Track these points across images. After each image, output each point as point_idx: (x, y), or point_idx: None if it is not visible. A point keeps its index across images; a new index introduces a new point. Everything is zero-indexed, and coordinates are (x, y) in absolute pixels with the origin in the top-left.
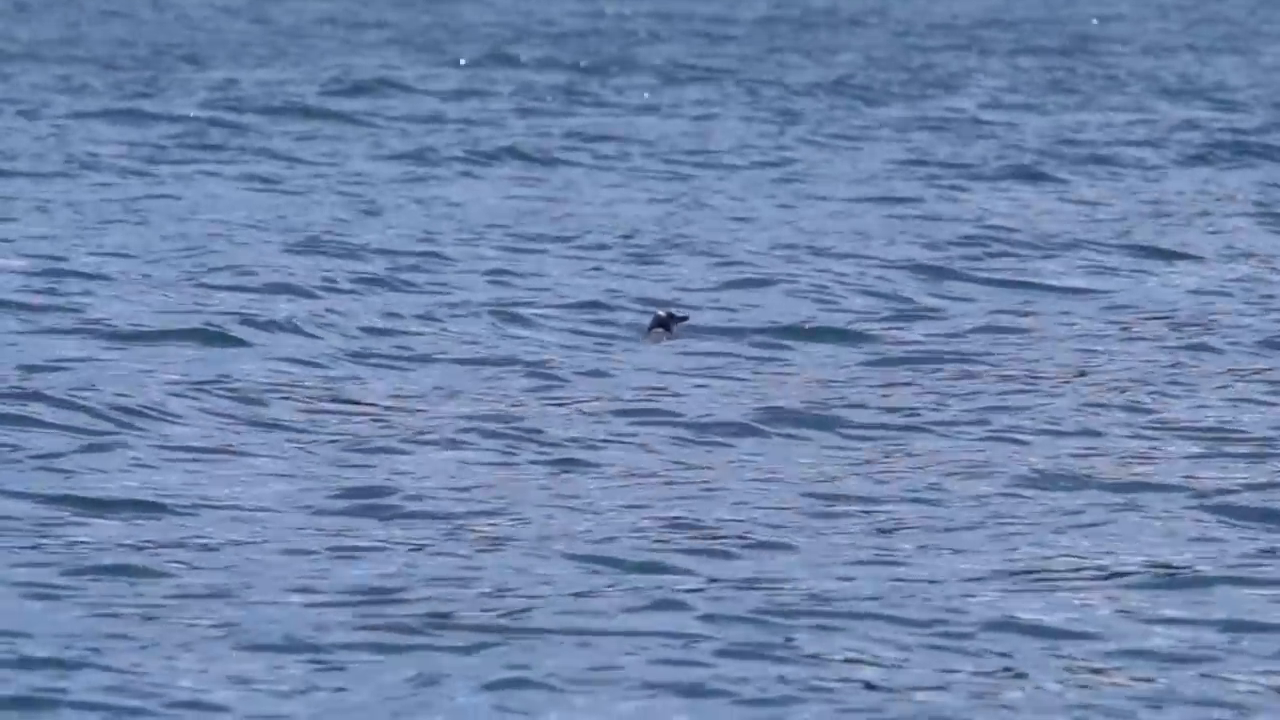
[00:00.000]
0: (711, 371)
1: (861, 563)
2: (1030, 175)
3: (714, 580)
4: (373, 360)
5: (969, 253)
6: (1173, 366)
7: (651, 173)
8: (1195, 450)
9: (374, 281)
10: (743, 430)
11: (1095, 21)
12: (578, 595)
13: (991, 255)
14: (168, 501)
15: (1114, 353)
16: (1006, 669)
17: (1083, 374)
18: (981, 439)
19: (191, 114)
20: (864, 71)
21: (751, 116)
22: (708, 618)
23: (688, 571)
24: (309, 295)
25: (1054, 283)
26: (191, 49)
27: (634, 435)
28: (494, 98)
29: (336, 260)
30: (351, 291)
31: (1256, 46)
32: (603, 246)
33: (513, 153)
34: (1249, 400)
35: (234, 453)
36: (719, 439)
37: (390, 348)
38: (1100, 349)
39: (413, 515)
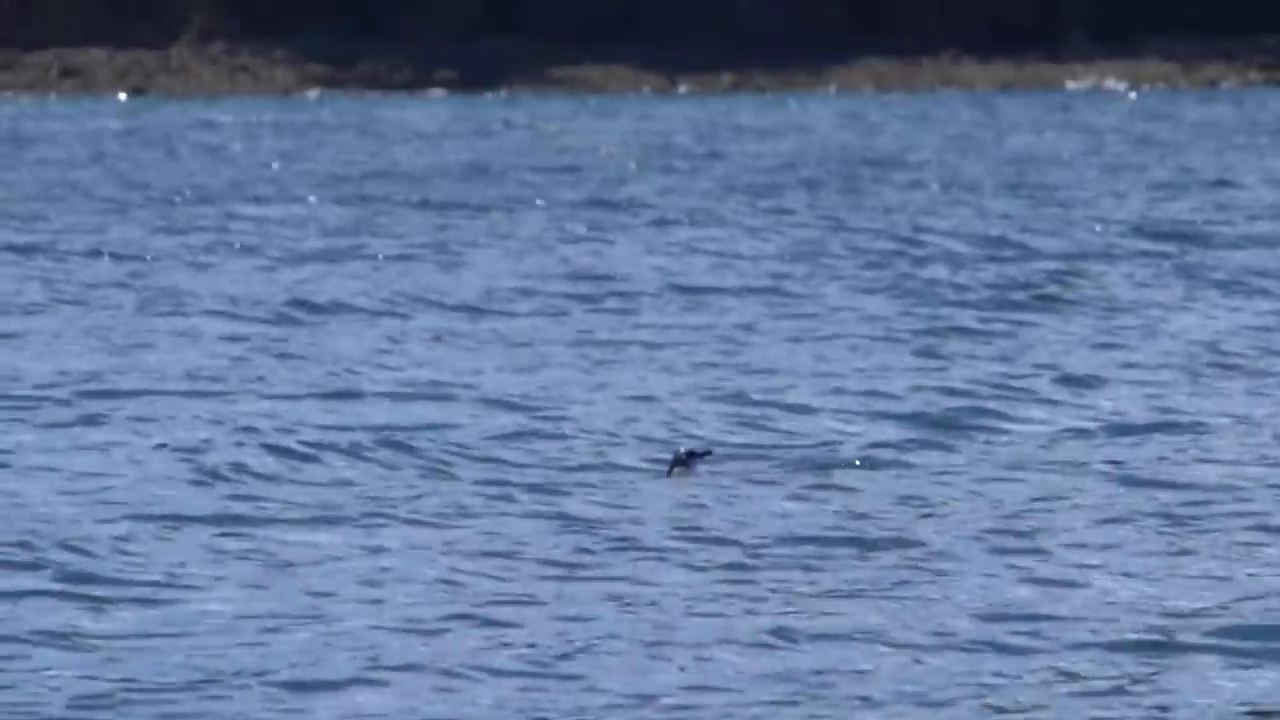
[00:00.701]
0: (734, 503)
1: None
2: (1027, 308)
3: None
4: (388, 500)
5: (983, 390)
6: (1177, 524)
7: (651, 308)
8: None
9: (382, 425)
10: (771, 560)
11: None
12: None
13: (1000, 391)
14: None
15: (1136, 490)
16: None
17: (1106, 510)
18: (1012, 579)
19: (188, 257)
20: (856, 209)
21: (752, 253)
22: None
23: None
24: (318, 436)
25: (1076, 421)
26: (194, 187)
27: (655, 568)
28: (490, 238)
29: (347, 398)
30: (357, 430)
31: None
32: (609, 384)
33: (516, 290)
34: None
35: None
36: (746, 569)
37: (402, 482)
38: (1117, 483)
39: (436, 646)
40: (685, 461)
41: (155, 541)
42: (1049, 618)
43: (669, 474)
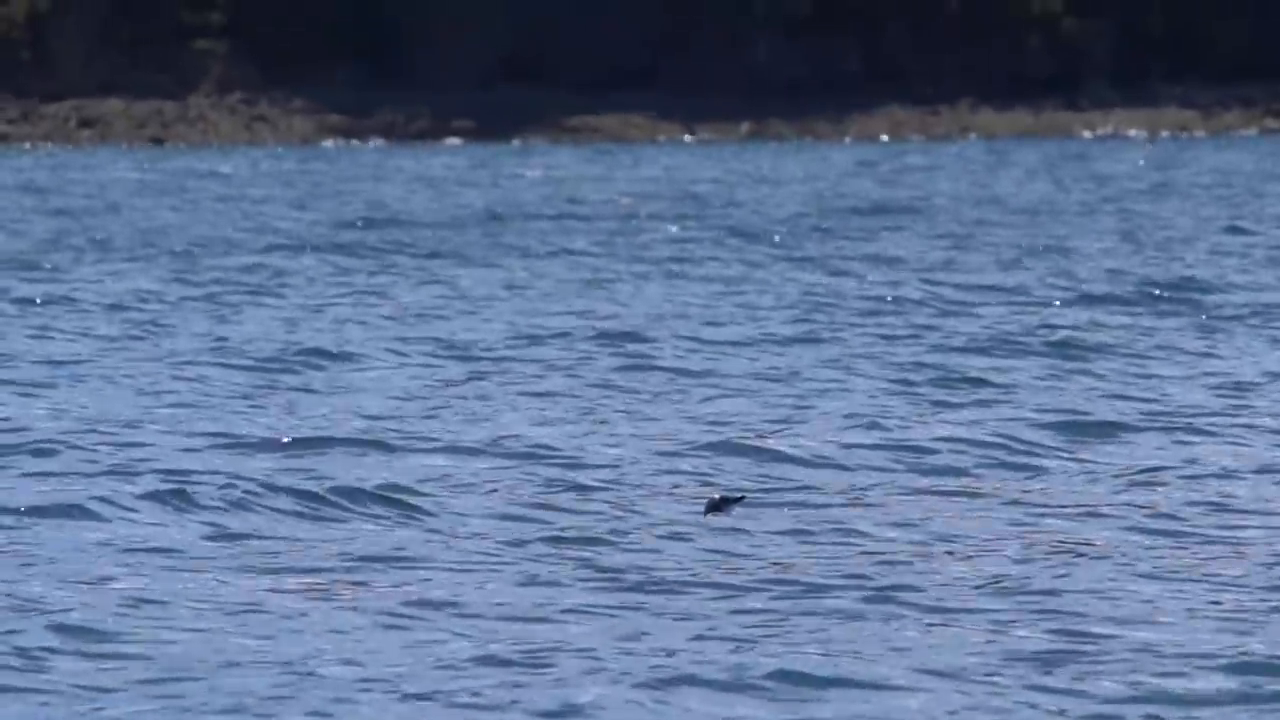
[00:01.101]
0: (760, 549)
1: None
2: (1046, 355)
3: None
4: (414, 549)
5: (1002, 438)
6: (1200, 571)
7: (671, 356)
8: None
9: (405, 475)
10: (798, 606)
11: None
12: None
13: (1020, 439)
14: None
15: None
16: None
17: (1127, 557)
18: (1035, 626)
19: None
20: (874, 257)
21: (770, 302)
22: None
23: None
24: (340, 487)
25: (1097, 468)
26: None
27: (682, 614)
28: (509, 288)
29: (369, 448)
30: (380, 480)
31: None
32: (633, 432)
33: (537, 339)
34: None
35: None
36: (774, 615)
37: (427, 531)
38: (1138, 531)
39: (466, 693)
40: (720, 506)
41: (176, 594)
42: (1072, 664)
43: (704, 516)
